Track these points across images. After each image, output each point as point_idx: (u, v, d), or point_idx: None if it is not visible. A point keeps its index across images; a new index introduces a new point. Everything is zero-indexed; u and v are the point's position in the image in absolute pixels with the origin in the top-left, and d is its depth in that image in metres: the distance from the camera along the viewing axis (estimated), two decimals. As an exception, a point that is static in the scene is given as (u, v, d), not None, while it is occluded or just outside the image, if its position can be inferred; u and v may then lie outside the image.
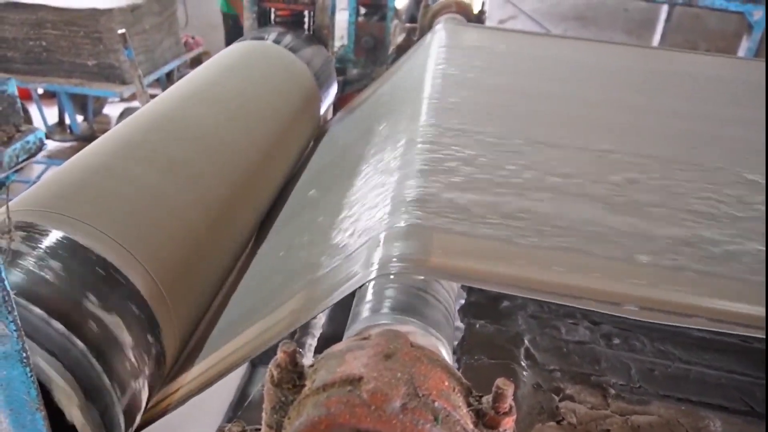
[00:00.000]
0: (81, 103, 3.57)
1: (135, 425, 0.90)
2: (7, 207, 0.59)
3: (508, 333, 1.07)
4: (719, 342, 1.08)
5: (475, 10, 2.20)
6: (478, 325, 1.08)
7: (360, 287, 0.83)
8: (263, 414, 0.64)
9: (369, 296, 0.81)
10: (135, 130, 1.16)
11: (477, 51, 1.77)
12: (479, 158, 1.10)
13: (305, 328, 1.27)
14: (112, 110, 4.31)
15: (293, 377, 0.61)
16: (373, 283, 0.84)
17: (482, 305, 1.13)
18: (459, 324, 1.10)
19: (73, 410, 0.76)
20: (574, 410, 0.93)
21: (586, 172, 1.09)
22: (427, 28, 2.14)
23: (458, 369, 0.99)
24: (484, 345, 1.04)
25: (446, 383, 0.60)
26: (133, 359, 0.85)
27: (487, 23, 2.80)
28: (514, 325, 1.09)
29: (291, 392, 0.61)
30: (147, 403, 0.95)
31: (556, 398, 0.95)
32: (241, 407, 1.38)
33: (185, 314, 1.04)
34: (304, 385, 0.61)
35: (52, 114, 3.74)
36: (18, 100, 0.54)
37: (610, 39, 4.10)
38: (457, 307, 1.15)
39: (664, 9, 4.90)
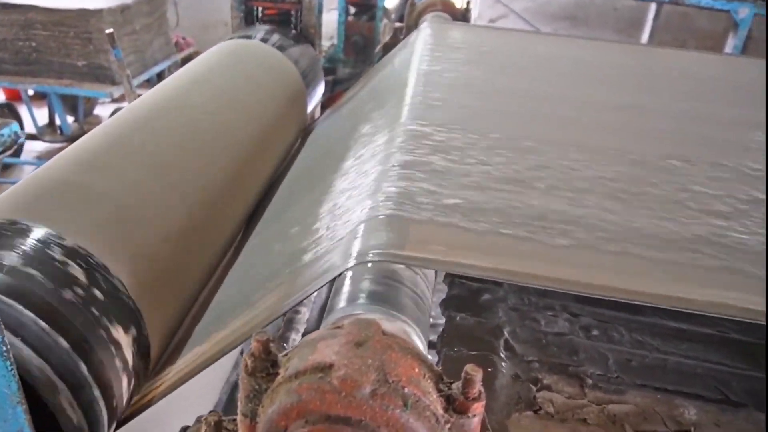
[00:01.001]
0: (71, 103, 3.57)
1: (119, 418, 0.91)
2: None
3: (488, 325, 1.09)
4: (696, 333, 1.10)
5: (458, 5, 2.22)
6: (458, 318, 1.09)
7: (338, 279, 0.84)
8: (238, 403, 0.65)
9: (346, 287, 0.82)
10: (120, 128, 1.17)
11: (461, 49, 1.79)
12: (458, 154, 1.12)
13: (289, 323, 1.28)
14: (102, 111, 4.31)
15: (267, 366, 0.62)
16: (350, 275, 0.85)
17: (463, 298, 1.14)
18: (440, 317, 1.11)
19: (56, 404, 0.77)
20: (551, 400, 0.95)
21: (568, 168, 1.11)
22: (413, 26, 2.16)
23: (438, 361, 1.00)
24: (464, 337, 1.05)
25: (416, 370, 0.61)
26: (115, 353, 0.86)
27: (478, 23, 2.82)
28: (495, 318, 1.11)
29: (265, 381, 0.62)
30: (132, 396, 0.96)
31: (534, 388, 0.96)
32: (234, 397, 1.39)
33: (171, 308, 1.05)
34: (277, 374, 0.62)
35: (42, 115, 3.74)
36: (-7, 96, 0.55)
37: (599, 38, 4.13)
38: (438, 301, 1.16)
39: (653, 8, 4.93)
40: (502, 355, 1.02)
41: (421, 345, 0.73)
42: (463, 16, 2.26)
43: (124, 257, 0.93)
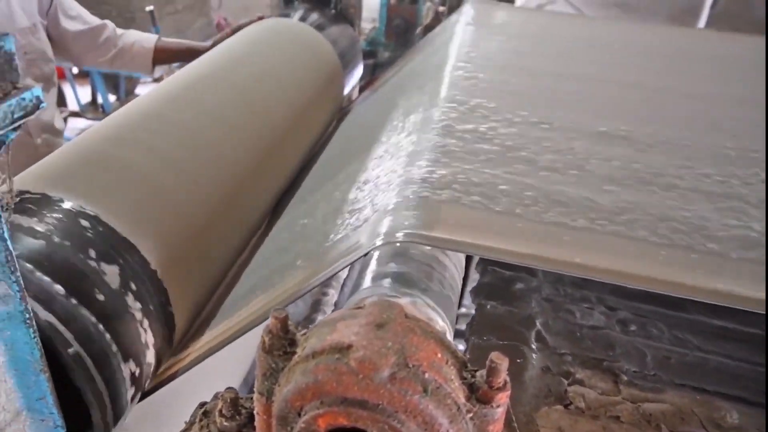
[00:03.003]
0: (113, 82, 3.63)
1: (142, 390, 0.92)
2: (9, 166, 0.60)
3: (519, 315, 1.05)
4: (741, 332, 1.04)
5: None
6: (489, 306, 1.06)
7: (365, 259, 0.82)
8: (255, 381, 0.64)
9: (372, 267, 0.80)
10: (152, 103, 1.17)
11: (503, 30, 1.73)
12: (496, 136, 1.08)
13: (317, 305, 1.27)
14: (144, 90, 4.39)
15: (284, 344, 0.60)
16: (377, 255, 0.83)
17: (495, 286, 1.11)
18: (470, 305, 1.08)
19: (78, 375, 0.77)
20: (583, 395, 0.91)
21: (607, 155, 1.06)
22: (456, 7, 2.10)
23: (466, 349, 0.97)
24: (494, 326, 1.02)
25: (439, 355, 0.58)
26: (140, 325, 0.86)
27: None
28: (527, 308, 1.07)
29: (282, 359, 0.60)
30: (158, 369, 0.96)
31: (565, 382, 0.92)
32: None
33: (197, 284, 1.05)
34: (295, 353, 0.60)
35: (85, 93, 3.83)
36: (16, 57, 0.54)
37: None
38: (470, 288, 1.13)
39: (711, -6, 4.71)
40: (533, 347, 0.98)
41: (446, 330, 0.70)
42: (507, -3, 2.20)
43: (151, 232, 0.93)
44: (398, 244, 0.81)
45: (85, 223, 0.85)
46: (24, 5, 1.69)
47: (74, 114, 3.70)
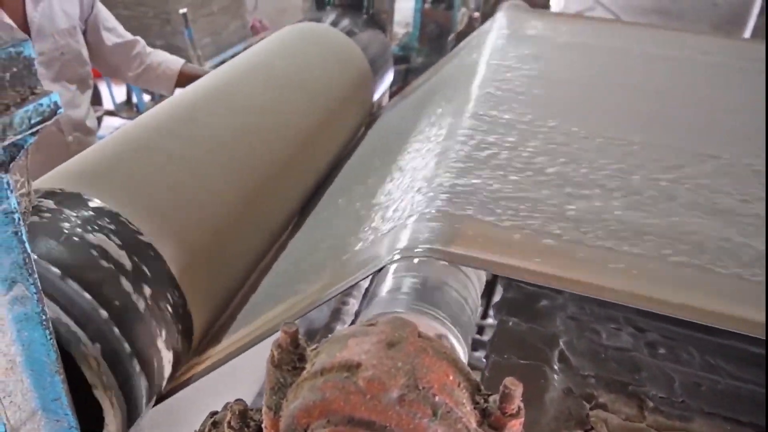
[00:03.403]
0: (148, 83, 3.69)
1: (157, 394, 0.92)
2: (27, 169, 0.60)
3: (543, 333, 1.02)
4: (778, 361, 0.99)
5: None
6: (511, 323, 1.03)
7: (381, 272, 0.80)
8: (264, 395, 0.63)
9: (388, 281, 0.78)
10: (181, 106, 1.17)
11: (537, 38, 1.69)
12: (522, 149, 1.05)
13: (336, 314, 1.25)
14: (178, 90, 4.45)
15: (293, 359, 0.59)
16: (394, 268, 0.81)
17: (518, 302, 1.08)
18: (491, 321, 1.06)
19: (93, 377, 0.77)
20: (605, 420, 0.87)
21: (641, 169, 1.02)
22: (490, 14, 2.08)
23: (485, 367, 0.95)
24: (515, 344, 0.99)
25: (451, 378, 0.56)
26: (157, 329, 0.86)
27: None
28: (551, 326, 1.04)
29: (290, 374, 0.59)
30: (174, 373, 0.96)
31: (587, 405, 0.89)
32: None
33: (217, 289, 1.05)
34: (304, 368, 0.59)
35: (120, 92, 3.91)
36: (35, 63, 0.54)
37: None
38: (492, 303, 1.10)
39: (758, 2, 4.57)
40: (556, 367, 0.95)
41: (461, 351, 0.68)
42: (543, 4, 2.16)
43: (172, 234, 0.93)
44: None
45: (106, 223, 0.85)
46: (66, 7, 1.74)
47: (109, 113, 3.78)
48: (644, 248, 0.80)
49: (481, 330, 1.79)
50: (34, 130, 0.55)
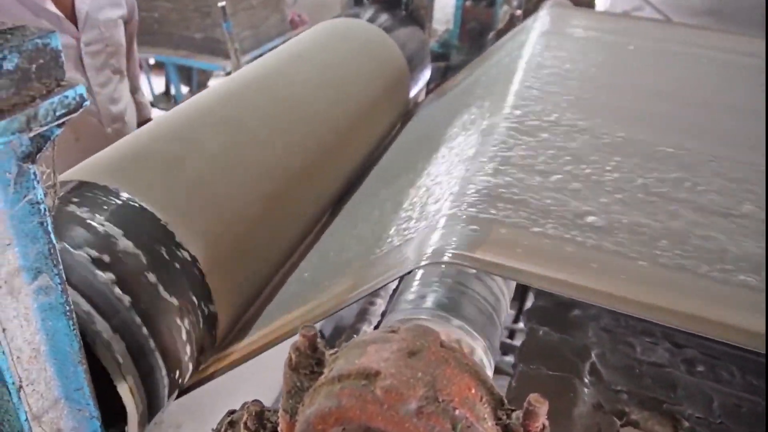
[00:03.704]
0: (187, 74, 3.72)
1: (180, 387, 0.92)
2: (53, 161, 0.60)
3: (574, 344, 0.98)
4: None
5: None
6: (541, 332, 1.00)
7: (408, 276, 0.78)
8: (281, 398, 0.61)
9: (414, 286, 0.76)
10: (210, 100, 1.17)
11: (581, 38, 1.64)
12: (560, 153, 1.01)
13: (363, 314, 1.24)
14: (212, 84, 4.51)
15: (311, 363, 0.58)
16: (420, 273, 0.79)
17: (550, 311, 1.04)
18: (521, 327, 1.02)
19: (116, 369, 0.77)
20: (637, 438, 0.84)
21: (684, 178, 0.97)
22: (532, 11, 2.03)
23: (513, 377, 0.92)
24: (545, 354, 0.96)
25: (473, 391, 0.54)
26: (180, 323, 0.86)
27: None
28: (583, 337, 1.00)
29: (307, 379, 0.58)
30: (197, 367, 0.96)
31: (618, 422, 0.85)
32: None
33: (243, 286, 1.04)
34: (321, 373, 0.57)
35: (159, 84, 3.96)
36: (62, 55, 0.54)
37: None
38: (524, 308, 1.07)
39: (817, 4, 4.35)
40: (586, 380, 0.91)
41: (486, 362, 0.65)
42: (587, 2, 2.09)
43: (199, 229, 0.92)
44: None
45: (133, 215, 0.85)
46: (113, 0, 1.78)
47: (148, 104, 3.84)
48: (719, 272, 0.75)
49: (512, 334, 1.76)
50: (60, 122, 0.55)
